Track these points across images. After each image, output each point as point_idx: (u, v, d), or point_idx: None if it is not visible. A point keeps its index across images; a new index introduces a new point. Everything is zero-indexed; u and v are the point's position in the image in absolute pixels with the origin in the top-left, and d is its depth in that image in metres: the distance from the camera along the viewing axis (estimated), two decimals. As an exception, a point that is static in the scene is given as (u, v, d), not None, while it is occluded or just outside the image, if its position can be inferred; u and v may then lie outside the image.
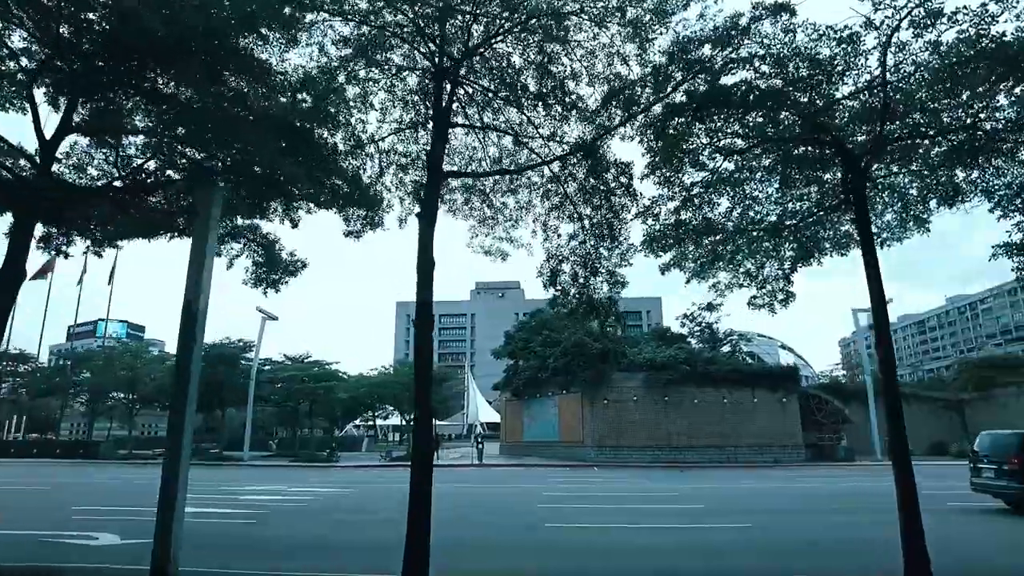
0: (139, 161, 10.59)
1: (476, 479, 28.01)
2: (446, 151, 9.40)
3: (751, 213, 10.36)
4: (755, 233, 10.55)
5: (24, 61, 9.43)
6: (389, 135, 10.20)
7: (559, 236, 9.85)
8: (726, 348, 49.16)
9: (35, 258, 65.50)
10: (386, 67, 9.25)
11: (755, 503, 17.89)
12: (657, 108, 9.01)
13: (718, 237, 10.70)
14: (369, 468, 38.11)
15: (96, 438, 56.48)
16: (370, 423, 71.55)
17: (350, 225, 11.45)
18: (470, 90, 9.59)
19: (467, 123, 9.76)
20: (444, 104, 8.64)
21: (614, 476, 28.07)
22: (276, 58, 9.01)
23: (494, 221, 11.18)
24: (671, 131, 8.53)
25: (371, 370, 57.56)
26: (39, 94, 9.69)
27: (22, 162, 10.19)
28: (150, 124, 9.79)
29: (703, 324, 49.16)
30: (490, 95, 9.48)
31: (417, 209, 9.41)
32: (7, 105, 10.49)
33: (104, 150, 10.96)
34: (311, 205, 12.03)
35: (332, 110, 9.86)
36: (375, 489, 22.94)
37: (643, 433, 37.87)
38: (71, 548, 10.99)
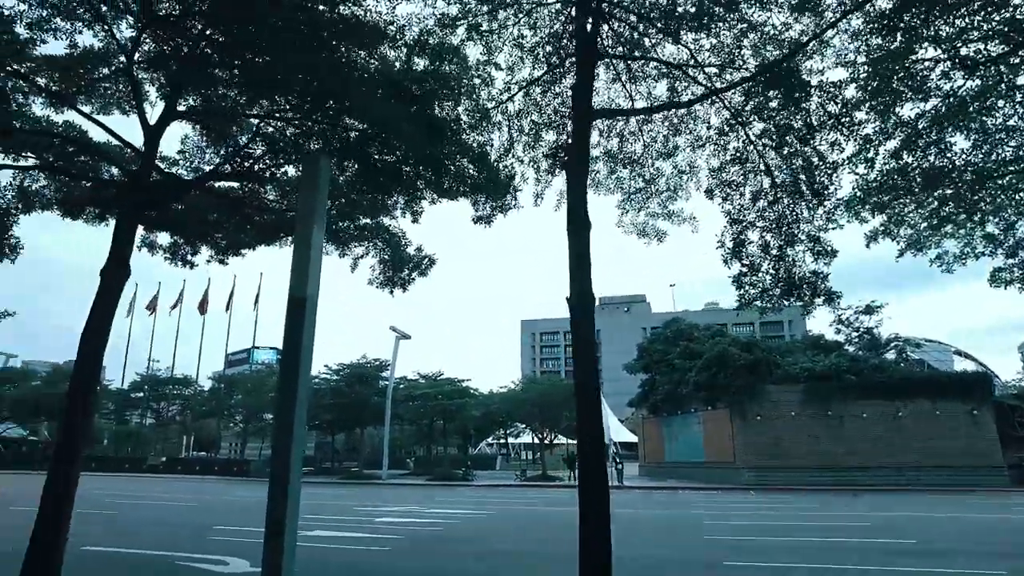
0: (250, 150, 9.76)
1: (621, 503, 25.68)
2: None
3: (1003, 151, 7.70)
4: (1008, 179, 7.85)
5: (130, 49, 8.88)
6: (519, 91, 8.60)
7: (741, 195, 7.72)
8: (890, 355, 43.36)
9: (193, 291, 70.93)
10: (514, 4, 7.70)
11: (984, 539, 14.33)
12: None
13: (949, 191, 8.11)
14: (504, 488, 36.85)
15: (249, 456, 59.87)
16: (502, 441, 70.88)
17: (479, 209, 10.01)
18: (616, 26, 7.83)
19: (619, 54, 7.94)
20: (589, 30, 6.90)
21: (776, 501, 24.67)
22: (385, 6, 7.72)
23: (646, 193, 9.28)
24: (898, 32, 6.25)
25: (500, 387, 56.85)
26: (141, 87, 9.19)
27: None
28: (255, 102, 8.87)
29: (861, 329, 43.76)
30: (641, 27, 7.65)
31: (555, 181, 7.80)
32: (115, 106, 10.16)
33: (211, 148, 10.38)
34: (433, 195, 10.76)
35: (452, 71, 8.47)
36: (515, 512, 21.37)
37: (802, 451, 33.67)
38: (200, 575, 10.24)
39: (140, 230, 12.48)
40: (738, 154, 7.60)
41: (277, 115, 8.95)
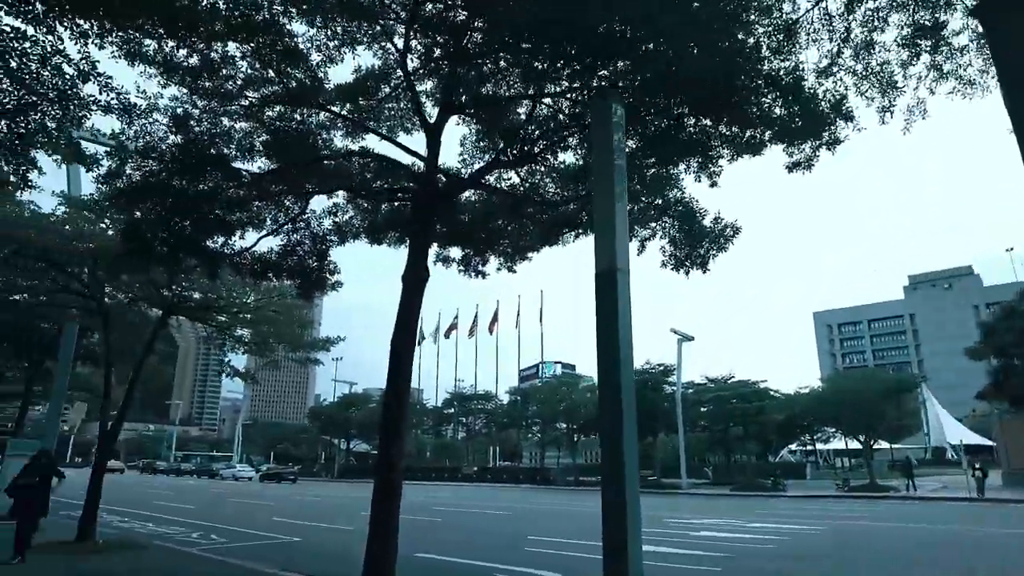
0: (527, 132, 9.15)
1: (994, 521, 20.26)
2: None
3: None
4: None
5: (403, 59, 8.89)
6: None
7: None
8: None
9: (484, 315, 76.97)
10: None
11: None
12: None
13: None
14: (823, 499, 32.36)
15: (548, 465, 62.51)
16: (808, 447, 63.57)
17: (794, 154, 8.07)
18: None
19: None
20: None
21: None
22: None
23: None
24: None
25: (801, 388, 50.88)
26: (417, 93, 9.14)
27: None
28: (530, 74, 8.16)
29: None
30: None
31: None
32: (399, 126, 10.40)
33: (487, 142, 10.04)
34: (732, 152, 9.06)
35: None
36: (855, 529, 17.93)
37: None
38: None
39: (435, 247, 12.95)
40: None
41: (553, 86, 8.17)
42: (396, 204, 12.14)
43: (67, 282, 14.11)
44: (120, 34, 8.34)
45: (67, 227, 12.59)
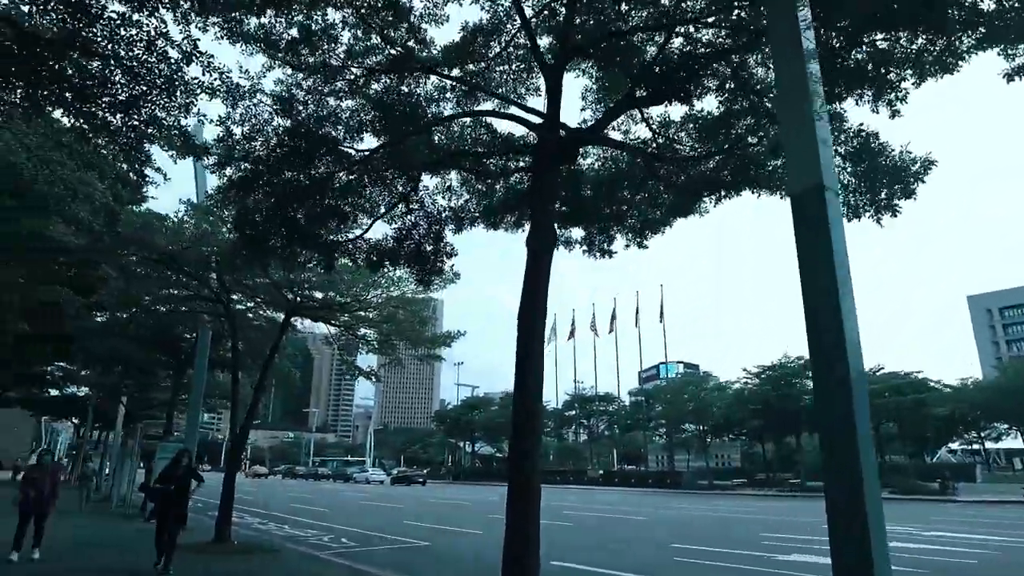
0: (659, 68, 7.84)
1: None
2: None
3: None
4: None
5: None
6: None
7: None
8: None
9: (602, 314, 74.97)
10: None
11: None
12: None
13: None
14: (1003, 504, 28.18)
15: (677, 468, 59.61)
16: (973, 445, 56.45)
17: (1013, 58, 6.28)
18: None
19: None
20: None
21: None
22: None
23: None
24: None
25: (965, 379, 45.05)
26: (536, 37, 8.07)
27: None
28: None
29: None
30: None
31: None
32: (514, 90, 9.44)
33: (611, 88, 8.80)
34: (916, 73, 7.34)
35: None
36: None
37: None
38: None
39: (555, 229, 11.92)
40: None
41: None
42: (512, 183, 11.24)
43: (198, 289, 14.37)
44: (222, 14, 7.99)
45: (190, 230, 12.73)
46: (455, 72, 9.04)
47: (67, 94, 7.77)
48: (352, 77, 8.87)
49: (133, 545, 11.76)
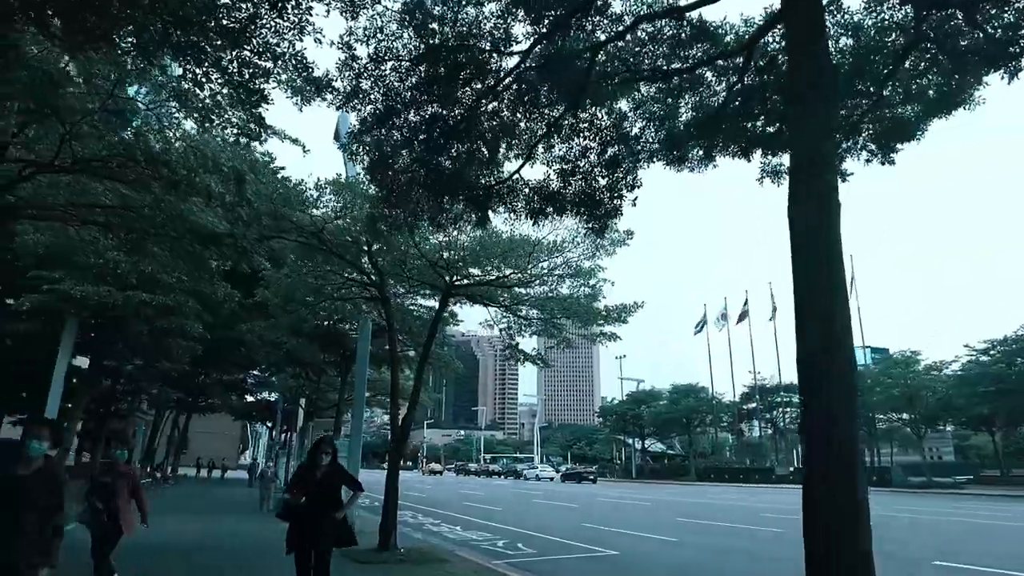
0: None
1: None
2: None
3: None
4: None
5: None
6: None
7: None
8: None
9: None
10: None
11: None
12: None
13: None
14: None
15: (883, 463, 52.17)
16: None
17: None
18: None
19: None
20: None
21: None
22: None
23: None
24: None
25: None
26: None
27: None
28: None
29: None
30: None
31: None
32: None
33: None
34: None
35: None
36: None
37: None
38: None
39: (758, 156, 9.28)
40: None
41: None
42: (702, 96, 8.75)
43: (349, 270, 13.38)
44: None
45: (332, 204, 11.63)
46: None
47: (171, 28, 6.60)
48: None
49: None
